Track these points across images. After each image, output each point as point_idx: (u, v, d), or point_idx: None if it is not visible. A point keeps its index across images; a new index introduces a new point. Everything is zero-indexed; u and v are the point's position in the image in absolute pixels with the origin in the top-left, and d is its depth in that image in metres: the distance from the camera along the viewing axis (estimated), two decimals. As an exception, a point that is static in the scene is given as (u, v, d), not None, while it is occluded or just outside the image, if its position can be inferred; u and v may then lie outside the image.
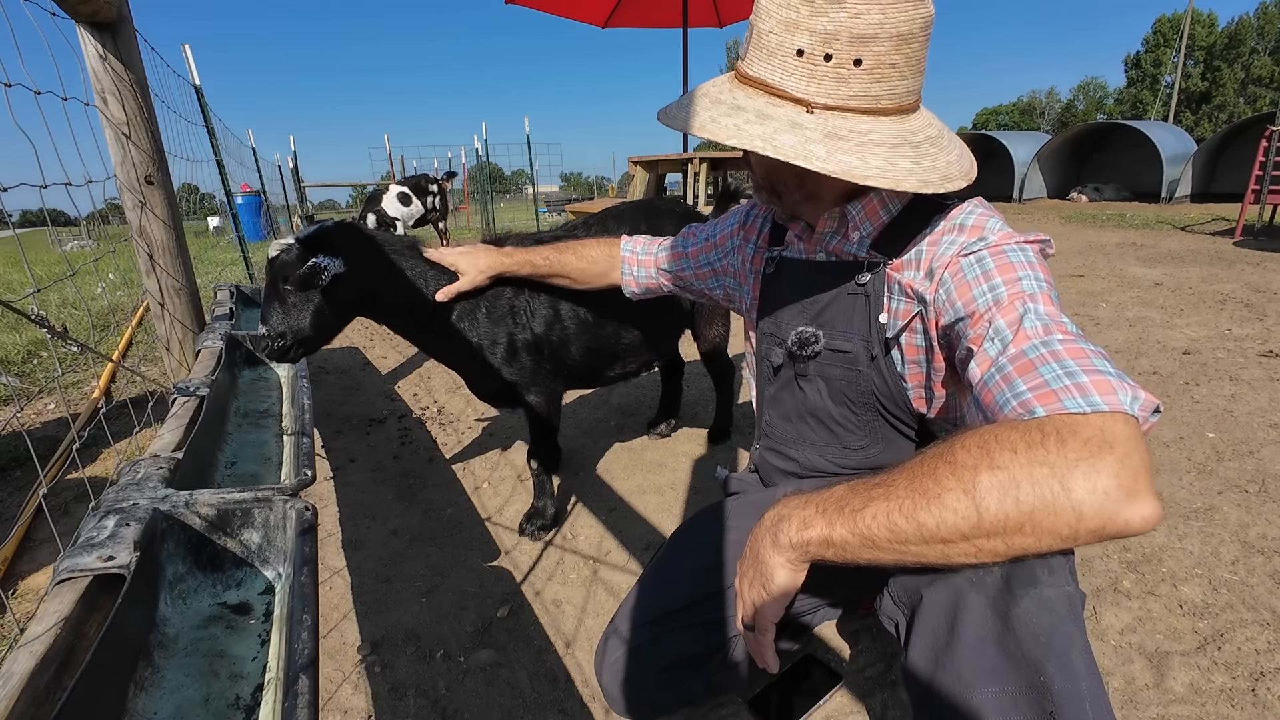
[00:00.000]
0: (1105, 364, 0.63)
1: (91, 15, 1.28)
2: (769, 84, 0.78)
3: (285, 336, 1.33)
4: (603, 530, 1.71)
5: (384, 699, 1.18)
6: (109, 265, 5.43)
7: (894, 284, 0.87)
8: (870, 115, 0.77)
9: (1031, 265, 0.76)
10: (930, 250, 0.84)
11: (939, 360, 0.86)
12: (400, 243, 1.48)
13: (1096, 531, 0.56)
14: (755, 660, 0.80)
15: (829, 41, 0.73)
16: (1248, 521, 1.62)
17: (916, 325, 0.86)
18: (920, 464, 0.64)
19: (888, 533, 0.62)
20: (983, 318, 0.73)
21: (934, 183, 0.76)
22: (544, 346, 1.58)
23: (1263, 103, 34.19)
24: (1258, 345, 3.05)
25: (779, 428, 1.08)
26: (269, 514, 0.83)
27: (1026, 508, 0.56)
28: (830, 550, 0.66)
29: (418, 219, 7.53)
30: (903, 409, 0.93)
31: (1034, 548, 0.58)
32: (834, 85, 0.75)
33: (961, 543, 0.60)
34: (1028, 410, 0.62)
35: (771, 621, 0.74)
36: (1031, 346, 0.66)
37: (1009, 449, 0.58)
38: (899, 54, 0.74)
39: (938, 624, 0.68)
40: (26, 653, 0.56)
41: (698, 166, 5.64)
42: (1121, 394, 0.59)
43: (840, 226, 0.92)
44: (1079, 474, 0.55)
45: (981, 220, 0.83)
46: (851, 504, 0.65)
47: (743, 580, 0.77)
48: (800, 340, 0.96)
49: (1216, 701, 1.11)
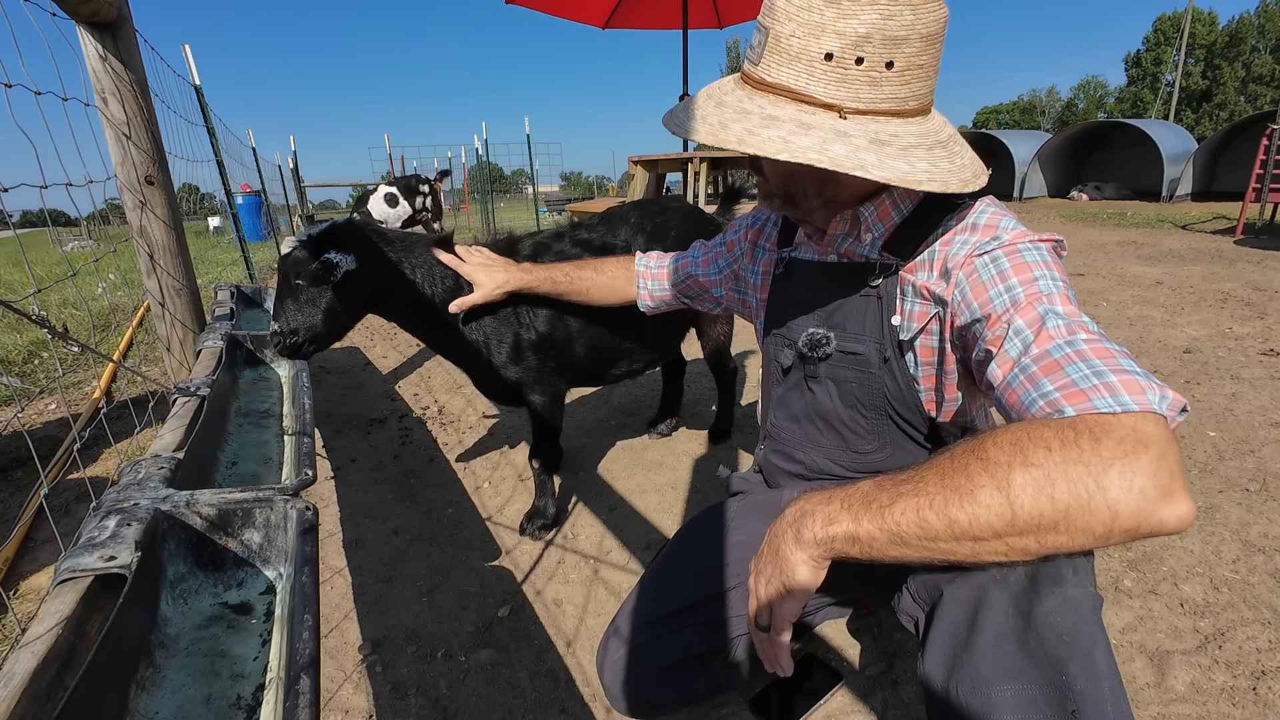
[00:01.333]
0: (1131, 363, 0.63)
1: (91, 15, 1.28)
2: (794, 89, 0.75)
3: (298, 333, 1.34)
4: (603, 530, 1.71)
5: (385, 698, 1.18)
6: (109, 265, 5.43)
7: (907, 286, 0.87)
8: (900, 118, 0.75)
9: (1047, 264, 0.75)
10: (943, 250, 0.83)
11: (950, 363, 0.86)
12: (413, 241, 1.48)
13: (1131, 531, 0.55)
14: (766, 664, 0.78)
15: (861, 44, 0.71)
16: (1249, 520, 1.62)
17: (933, 328, 0.86)
18: (951, 460, 0.63)
19: (917, 529, 0.61)
20: (1000, 319, 0.73)
21: (970, 181, 0.75)
22: (549, 344, 1.58)
23: (1263, 101, 34.14)
24: (1258, 344, 3.05)
25: (786, 429, 1.07)
26: (270, 514, 0.83)
27: (1062, 506, 0.56)
28: (856, 547, 0.65)
29: (406, 220, 7.50)
30: (913, 413, 0.92)
31: (1066, 546, 0.58)
32: (866, 89, 0.73)
33: (994, 540, 0.59)
34: (1056, 409, 0.62)
35: (788, 621, 0.73)
36: (1056, 346, 0.66)
37: (1043, 446, 0.58)
38: (927, 54, 0.73)
39: (958, 620, 0.68)
40: (28, 653, 0.56)
41: (698, 166, 5.64)
42: (1150, 394, 0.59)
43: (853, 229, 0.91)
44: (1115, 473, 0.55)
45: (995, 219, 0.82)
46: (879, 500, 0.64)
47: (759, 578, 0.75)
48: (811, 342, 0.96)
49: (1218, 700, 1.11)
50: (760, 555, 0.76)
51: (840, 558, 0.68)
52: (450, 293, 1.47)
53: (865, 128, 0.74)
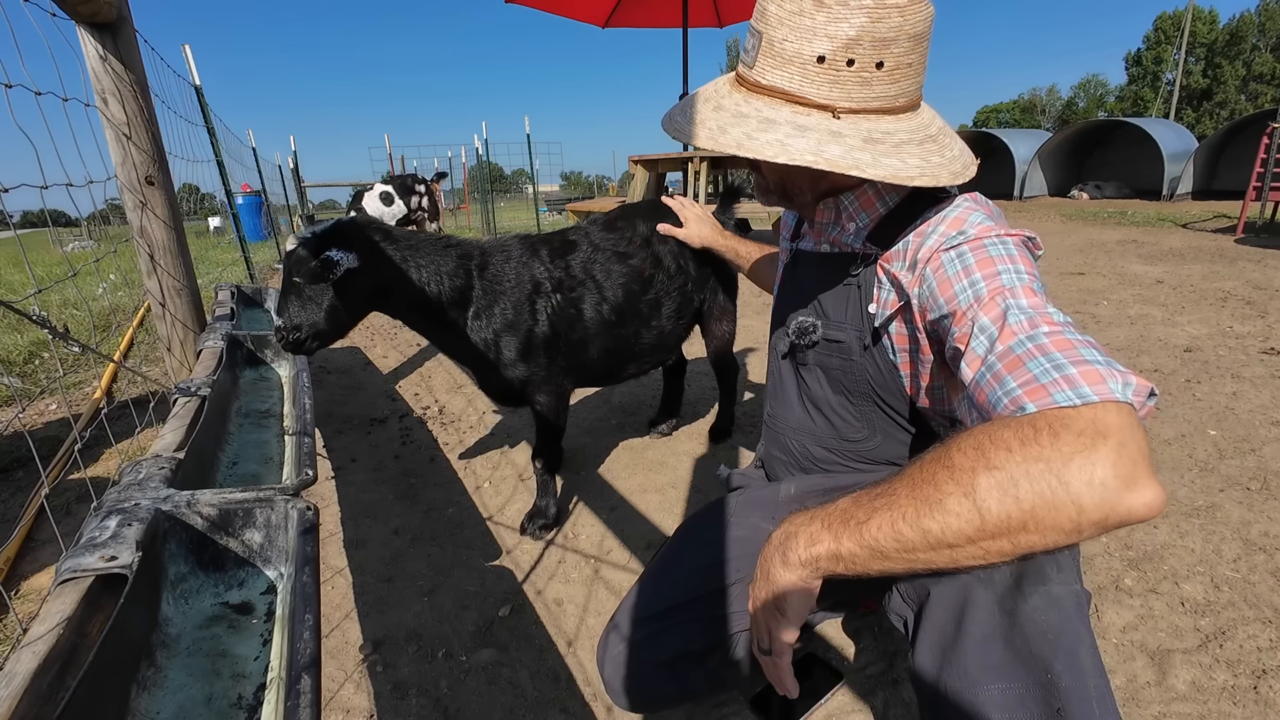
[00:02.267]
0: (1093, 353, 0.62)
1: (91, 16, 1.28)
2: (788, 91, 0.77)
3: (300, 329, 1.37)
4: (604, 529, 1.72)
5: (386, 698, 1.18)
6: (110, 266, 5.43)
7: (884, 274, 0.88)
8: (890, 115, 0.78)
9: (1011, 258, 0.75)
10: (916, 241, 0.84)
11: (926, 352, 0.87)
12: (420, 240, 1.49)
13: (1099, 523, 0.55)
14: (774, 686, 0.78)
15: (851, 47, 0.73)
16: (1249, 519, 1.62)
17: (905, 315, 0.87)
18: (919, 470, 0.63)
19: (894, 543, 0.61)
20: (965, 315, 0.73)
21: (960, 173, 0.77)
22: (561, 345, 1.58)
23: (1264, 100, 34.09)
24: (1259, 342, 3.05)
25: (782, 417, 1.09)
26: (271, 514, 0.83)
27: (1027, 506, 0.56)
28: (840, 564, 0.66)
29: (400, 219, 7.50)
30: (899, 399, 0.94)
31: (1040, 545, 0.58)
32: (857, 89, 0.76)
33: (968, 546, 0.59)
34: (1018, 407, 0.62)
35: (788, 644, 0.73)
36: (1018, 342, 0.66)
37: (1004, 448, 0.58)
38: (915, 53, 0.76)
39: (945, 621, 0.68)
40: (29, 653, 0.56)
41: (698, 165, 5.64)
42: (1111, 382, 0.58)
43: (836, 218, 0.94)
44: (1075, 467, 0.55)
45: (965, 214, 0.82)
46: (855, 516, 0.65)
47: (755, 604, 0.76)
48: (800, 329, 0.98)
49: (1218, 699, 1.11)
50: (755, 580, 0.77)
51: (829, 575, 0.68)
52: (458, 291, 1.47)
53: (858, 126, 0.76)
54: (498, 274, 1.53)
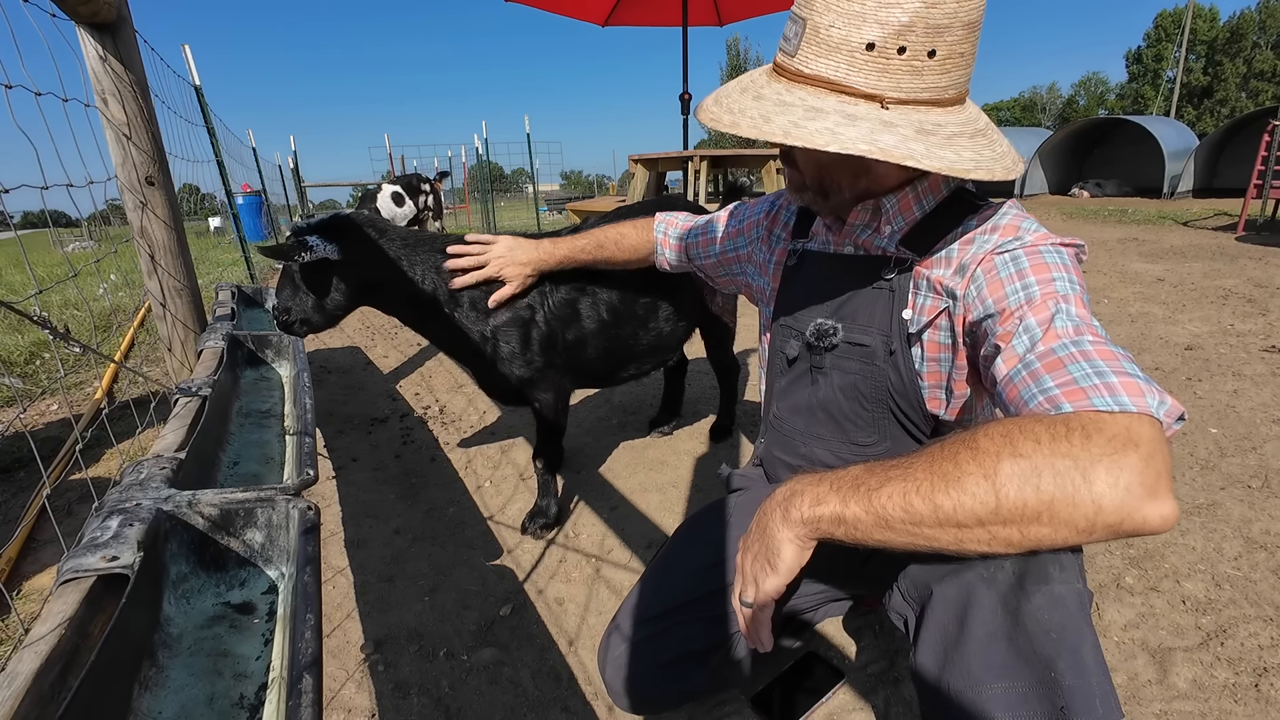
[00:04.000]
0: (1134, 368, 0.63)
1: (91, 16, 1.28)
2: (834, 81, 0.73)
3: (289, 312, 1.43)
4: (605, 529, 1.72)
5: (387, 698, 1.18)
6: (110, 266, 5.43)
7: (921, 280, 0.87)
8: (940, 107, 0.75)
9: (1066, 267, 0.75)
10: (963, 249, 0.83)
11: (961, 359, 0.86)
12: (418, 239, 1.49)
13: (1113, 526, 0.56)
14: (749, 639, 0.79)
15: (903, 34, 0.69)
16: (1250, 517, 1.62)
17: (942, 322, 0.86)
18: (941, 449, 0.63)
19: (902, 513, 0.62)
20: (1013, 315, 0.73)
21: (1011, 168, 0.76)
22: (559, 345, 1.58)
23: (1265, 97, 34.04)
24: (1260, 340, 3.05)
25: (788, 421, 1.07)
26: (272, 514, 0.83)
27: (1046, 497, 0.56)
28: (841, 528, 0.66)
29: (410, 219, 7.52)
30: (914, 408, 0.93)
31: (1049, 539, 0.58)
32: (907, 78, 0.72)
33: (977, 528, 0.59)
34: (1054, 406, 0.62)
35: (771, 597, 0.74)
36: (1061, 345, 0.66)
37: (1032, 439, 0.58)
38: (968, 42, 0.73)
39: (947, 620, 0.68)
40: (31, 653, 0.56)
41: (698, 164, 5.63)
42: (1149, 397, 0.59)
43: (873, 219, 0.91)
44: (1102, 468, 0.55)
45: (1017, 220, 0.83)
46: (867, 483, 0.65)
47: (746, 555, 0.76)
48: (819, 332, 0.96)
49: (1220, 697, 1.11)
50: (749, 532, 0.77)
51: (826, 538, 0.69)
52: (447, 291, 1.47)
53: (909, 118, 0.73)
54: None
